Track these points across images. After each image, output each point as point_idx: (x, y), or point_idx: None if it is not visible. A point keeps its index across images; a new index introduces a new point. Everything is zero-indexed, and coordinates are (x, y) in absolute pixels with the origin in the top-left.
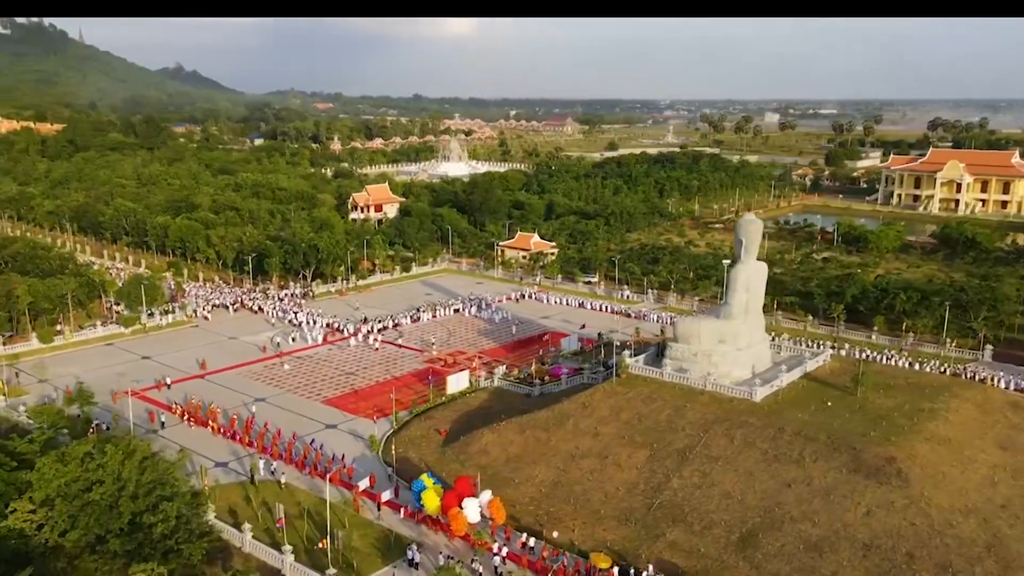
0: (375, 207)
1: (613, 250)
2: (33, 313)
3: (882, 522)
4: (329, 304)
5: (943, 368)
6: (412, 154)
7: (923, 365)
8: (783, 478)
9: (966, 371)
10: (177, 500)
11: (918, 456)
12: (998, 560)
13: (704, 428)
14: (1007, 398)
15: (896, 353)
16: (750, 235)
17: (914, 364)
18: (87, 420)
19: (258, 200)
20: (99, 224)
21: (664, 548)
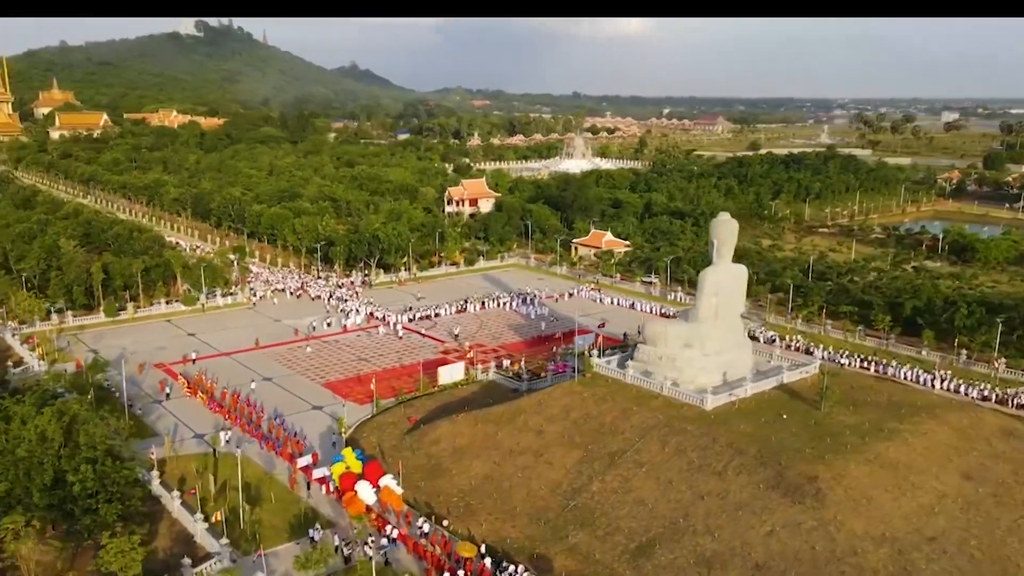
0: (470, 201)
1: (693, 251)
2: (110, 289)
3: (782, 543)
4: (386, 293)
5: (987, 392)
6: (544, 151)
7: (968, 387)
8: (700, 489)
9: (1013, 399)
10: (108, 464)
11: (847, 477)
12: None
13: (643, 433)
14: (1002, 424)
15: (936, 371)
16: (722, 236)
17: (951, 383)
18: (99, 387)
19: (360, 192)
20: (208, 211)
21: (561, 550)
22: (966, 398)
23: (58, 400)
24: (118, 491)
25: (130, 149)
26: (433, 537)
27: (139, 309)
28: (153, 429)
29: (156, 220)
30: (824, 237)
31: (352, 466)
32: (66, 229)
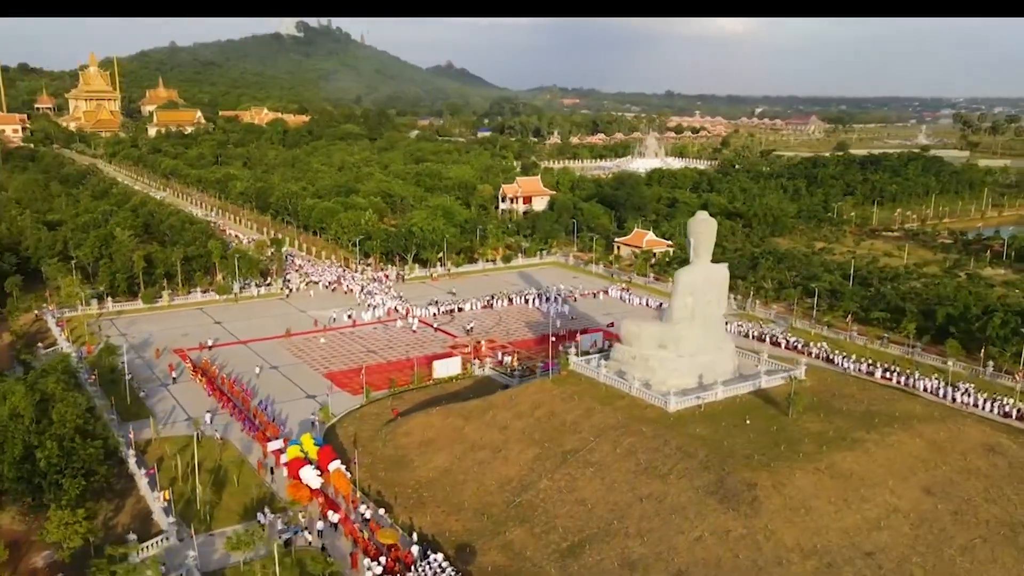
0: (524, 199)
1: (739, 252)
2: (153, 277)
3: (707, 550)
4: (418, 288)
5: (1008, 407)
6: (621, 150)
7: (989, 401)
8: (640, 492)
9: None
10: (76, 441)
11: (790, 486)
12: None
13: (599, 433)
14: (986, 439)
15: (954, 383)
16: (699, 236)
17: (971, 397)
18: (112, 368)
19: (416, 188)
20: (268, 204)
21: (495, 546)
22: (978, 411)
23: (34, 378)
24: (83, 467)
25: (215, 145)
26: (372, 524)
27: (176, 297)
28: (152, 411)
29: (221, 212)
30: (887, 241)
31: (308, 451)
32: (126, 220)
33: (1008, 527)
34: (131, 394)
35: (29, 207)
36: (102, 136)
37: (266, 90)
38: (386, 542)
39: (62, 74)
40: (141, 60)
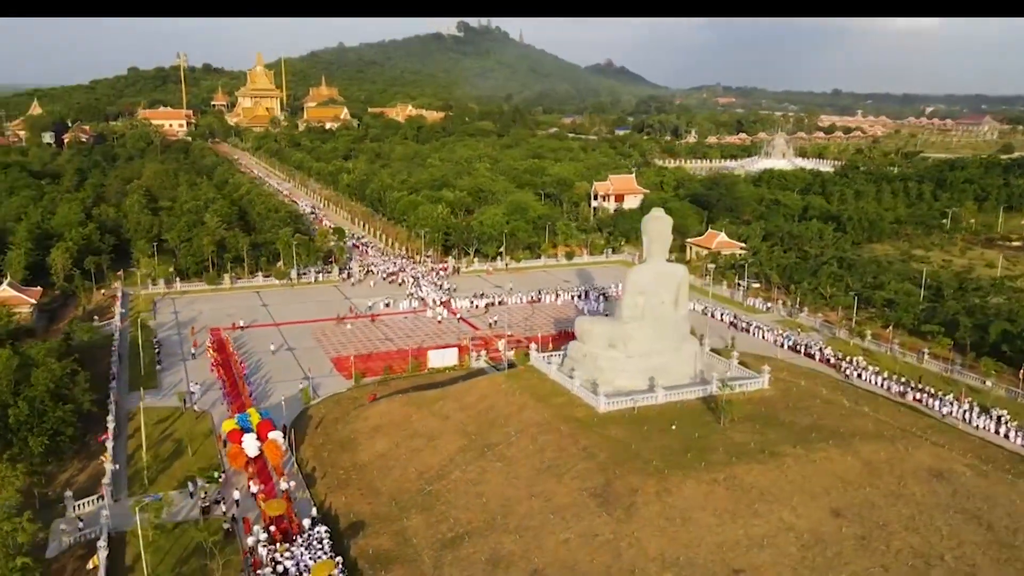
0: (616, 197)
1: (819, 258)
2: (222, 262)
3: (570, 552)
4: (471, 280)
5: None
6: (754, 150)
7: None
8: (534, 489)
9: None
10: (48, 403)
11: (676, 495)
12: None
13: (523, 429)
14: (936, 464)
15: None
16: (652, 234)
17: (1000, 426)
18: (149, 342)
19: (509, 183)
20: (364, 195)
21: (390, 531)
22: (998, 438)
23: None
24: (51, 427)
25: (351, 140)
26: (285, 496)
27: (238, 280)
28: (160, 382)
29: (327, 203)
30: (1003, 251)
31: (253, 423)
32: (222, 208)
33: (923, 559)
34: (148, 366)
35: (160, 195)
36: (253, 131)
37: (421, 88)
38: (272, 513)
39: (239, 74)
40: (311, 60)
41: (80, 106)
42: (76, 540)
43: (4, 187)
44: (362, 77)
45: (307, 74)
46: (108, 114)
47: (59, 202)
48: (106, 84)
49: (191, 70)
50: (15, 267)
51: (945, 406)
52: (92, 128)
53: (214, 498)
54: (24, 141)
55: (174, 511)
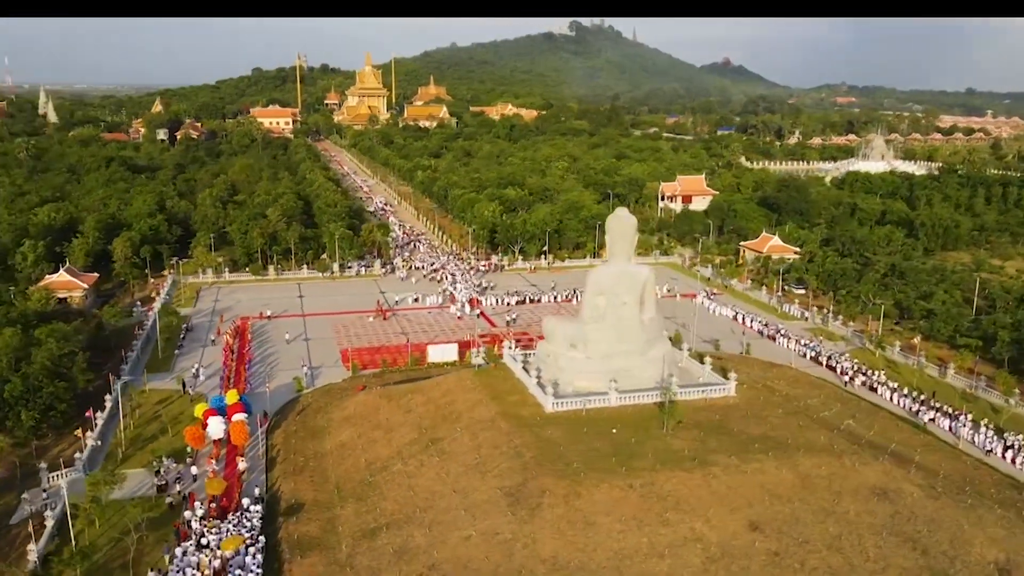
0: (683, 198)
1: (878, 267)
2: (272, 254)
3: (468, 549)
4: (511, 278)
5: None
6: (857, 151)
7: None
8: (459, 485)
9: None
10: (44, 380)
11: (586, 499)
12: None
13: (469, 425)
14: (882, 483)
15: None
16: (614, 233)
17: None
18: (168, 326)
19: (576, 183)
20: (432, 193)
21: (322, 518)
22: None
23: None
24: (42, 403)
25: (444, 138)
26: (234, 475)
27: (283, 272)
28: (173, 366)
29: (402, 199)
30: None
31: (230, 404)
32: (287, 201)
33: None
34: (167, 351)
35: (243, 189)
36: (354, 128)
37: (528, 87)
38: (212, 491)
39: (353, 74)
40: (424, 60)
41: (201, 105)
42: (37, 509)
43: (102, 179)
44: (472, 76)
45: (419, 73)
46: (225, 113)
47: (138, 194)
48: (230, 84)
49: (309, 70)
50: (77, 254)
51: (960, 424)
52: (206, 126)
53: (175, 476)
54: (142, 137)
55: (134, 488)
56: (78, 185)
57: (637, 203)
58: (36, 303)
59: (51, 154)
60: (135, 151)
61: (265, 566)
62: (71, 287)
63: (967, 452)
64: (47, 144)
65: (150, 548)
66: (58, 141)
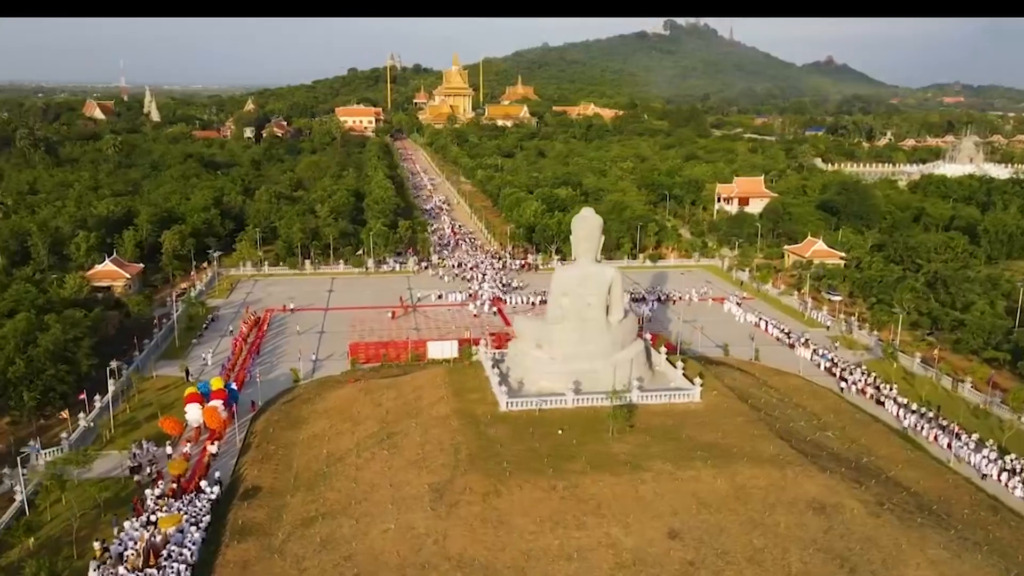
0: (740, 200)
1: (924, 276)
2: (312, 249)
3: (384, 541)
4: (541, 278)
5: None
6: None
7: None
8: (395, 479)
9: None
10: (47, 363)
11: (504, 498)
12: None
13: (424, 421)
14: (823, 497)
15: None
16: (577, 233)
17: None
18: (191, 317)
19: (630, 183)
20: (488, 191)
21: (272, 505)
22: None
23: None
24: (43, 385)
25: (519, 138)
26: (183, 455)
27: (321, 266)
28: (187, 355)
29: (464, 197)
30: None
31: (213, 387)
32: (341, 198)
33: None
34: (184, 339)
35: (310, 185)
36: (433, 127)
37: (617, 87)
38: (173, 472)
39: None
40: (516, 60)
41: (293, 104)
42: (13, 486)
43: (176, 174)
44: (562, 76)
45: (509, 73)
46: (315, 111)
47: (199, 189)
48: (325, 84)
49: (402, 71)
50: (127, 245)
51: (960, 444)
52: (294, 124)
53: (149, 458)
54: (230, 135)
55: (110, 469)
56: (153, 180)
57: (693, 204)
58: (69, 290)
59: (138, 151)
60: (220, 148)
61: (205, 547)
62: (115, 276)
63: (957, 471)
64: (138, 141)
65: (107, 525)
66: (152, 139)
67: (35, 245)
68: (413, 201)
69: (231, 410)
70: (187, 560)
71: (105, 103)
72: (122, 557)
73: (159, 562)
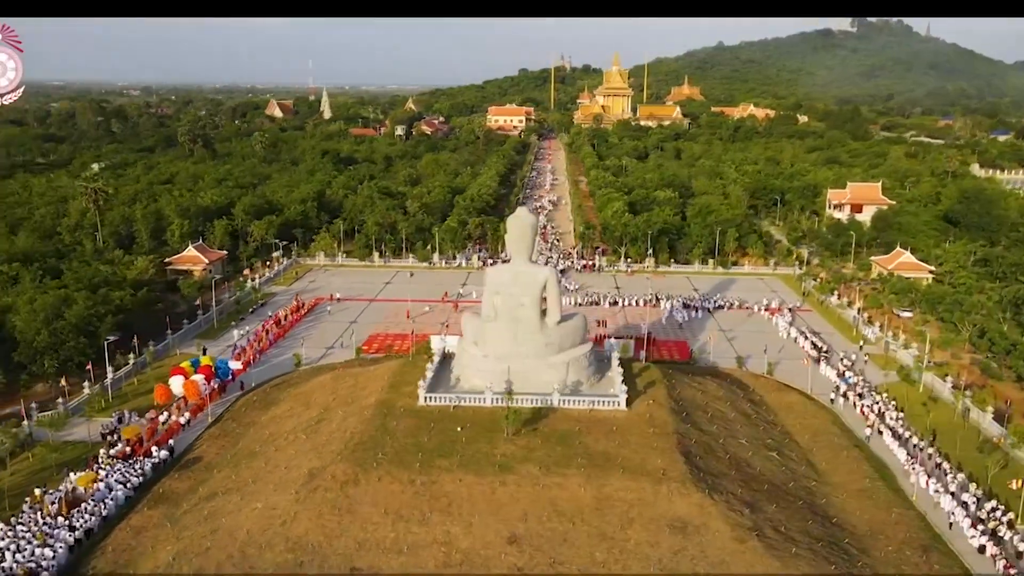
0: (852, 206)
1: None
2: (388, 243)
3: (242, 517)
4: (603, 279)
5: None
6: None
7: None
8: (291, 463)
9: None
10: (67, 334)
11: (360, 486)
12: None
13: (351, 410)
14: (688, 516)
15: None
16: (512, 232)
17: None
18: (238, 301)
19: (734, 187)
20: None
21: (199, 478)
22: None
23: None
24: (63, 355)
25: (660, 138)
26: (153, 424)
27: (389, 260)
28: (219, 336)
29: (575, 198)
30: None
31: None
32: (436, 195)
33: None
34: (226, 322)
35: (425, 182)
36: (582, 127)
37: (792, 87)
38: (126, 435)
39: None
40: (686, 59)
41: (455, 104)
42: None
43: (306, 168)
44: (734, 76)
45: (679, 73)
46: (474, 110)
47: (304, 183)
48: (494, 84)
49: (572, 71)
50: (218, 233)
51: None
52: (453, 123)
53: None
54: (383, 133)
55: (93, 435)
56: (283, 174)
57: (802, 210)
58: (135, 272)
59: (285, 146)
60: (363, 145)
61: (128, 507)
62: (195, 261)
63: (914, 506)
64: (295, 138)
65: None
66: (309, 135)
67: (139, 231)
68: (521, 200)
69: (223, 385)
70: (98, 514)
71: (284, 102)
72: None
73: (71, 512)
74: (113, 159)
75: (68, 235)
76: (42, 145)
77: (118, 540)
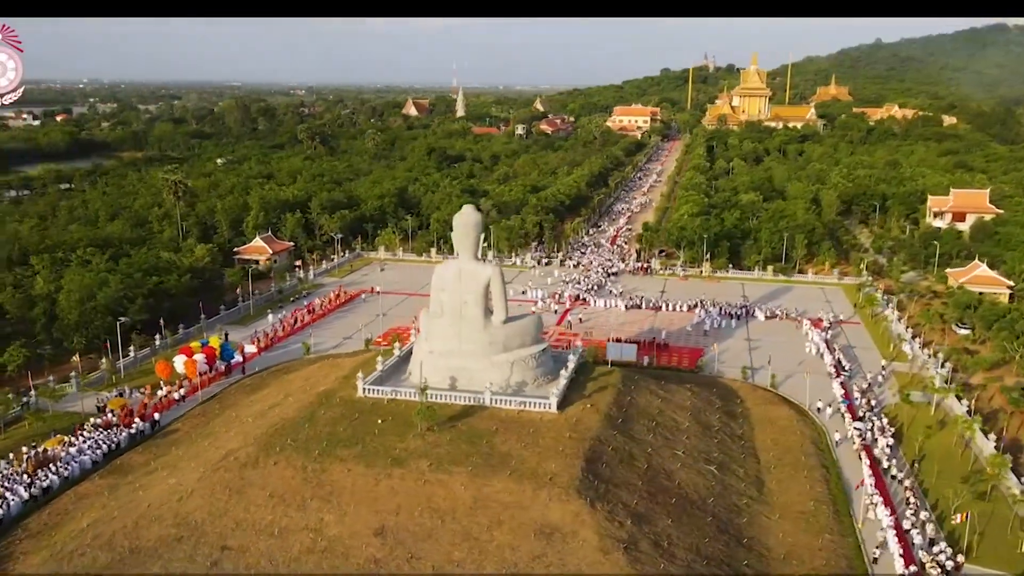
0: (954, 215)
1: None
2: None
3: (152, 492)
4: (654, 282)
5: None
6: None
7: None
8: (227, 445)
9: None
10: (95, 314)
11: (259, 469)
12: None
13: (304, 397)
14: (560, 523)
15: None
16: (457, 230)
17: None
18: (280, 290)
19: (829, 192)
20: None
21: (158, 453)
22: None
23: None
24: (89, 331)
25: (781, 140)
26: (145, 401)
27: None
28: (253, 323)
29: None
30: None
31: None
32: (514, 194)
33: None
34: (262, 311)
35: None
36: (706, 128)
37: (954, 86)
38: (111, 406)
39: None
40: (839, 58)
41: (586, 104)
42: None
43: (407, 165)
44: (889, 75)
45: (829, 72)
46: (605, 110)
47: (388, 179)
48: (633, 84)
49: (715, 70)
50: (290, 225)
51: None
52: (578, 124)
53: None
54: (503, 132)
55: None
56: (383, 170)
57: (900, 218)
58: (192, 259)
59: (398, 143)
60: (477, 143)
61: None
62: (260, 252)
63: (856, 533)
64: (408, 135)
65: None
66: (432, 133)
67: (219, 222)
68: (608, 201)
69: (228, 367)
70: (60, 475)
71: (420, 101)
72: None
73: (37, 471)
74: (234, 155)
75: (156, 224)
76: (190, 141)
77: (61, 503)
